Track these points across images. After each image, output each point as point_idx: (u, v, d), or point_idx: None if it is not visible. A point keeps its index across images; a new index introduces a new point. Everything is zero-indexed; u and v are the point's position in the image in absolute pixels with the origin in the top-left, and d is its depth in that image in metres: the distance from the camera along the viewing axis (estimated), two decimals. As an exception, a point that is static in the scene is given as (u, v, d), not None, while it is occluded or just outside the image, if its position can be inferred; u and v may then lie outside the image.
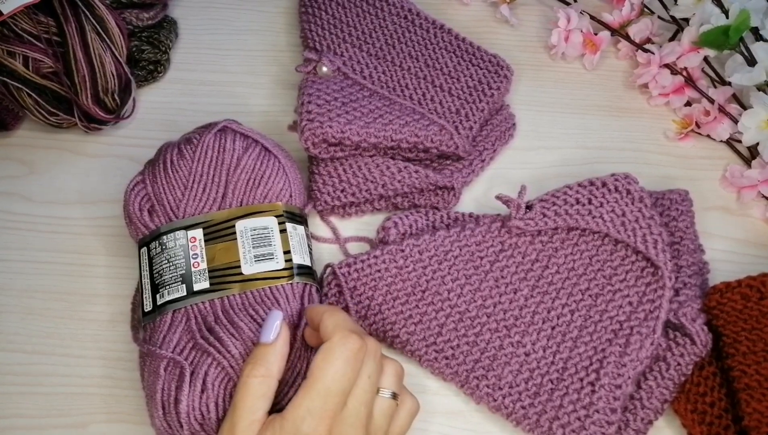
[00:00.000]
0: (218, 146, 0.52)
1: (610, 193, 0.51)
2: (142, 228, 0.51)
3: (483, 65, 0.60)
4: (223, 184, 0.51)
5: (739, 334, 0.47)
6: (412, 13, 0.63)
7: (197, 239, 0.49)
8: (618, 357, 0.48)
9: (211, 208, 0.51)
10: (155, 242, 0.50)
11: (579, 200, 0.51)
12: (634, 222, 0.50)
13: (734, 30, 0.56)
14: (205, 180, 0.51)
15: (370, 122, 0.54)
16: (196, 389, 0.44)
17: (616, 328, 0.49)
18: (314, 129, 0.53)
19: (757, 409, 0.44)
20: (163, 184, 0.51)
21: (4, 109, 0.59)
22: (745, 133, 0.57)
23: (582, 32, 0.63)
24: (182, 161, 0.52)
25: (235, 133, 0.53)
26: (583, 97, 0.64)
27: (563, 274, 0.51)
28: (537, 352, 0.49)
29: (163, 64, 0.64)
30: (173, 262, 0.49)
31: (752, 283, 0.49)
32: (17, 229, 0.56)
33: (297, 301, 0.48)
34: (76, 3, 0.56)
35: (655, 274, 0.50)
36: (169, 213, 0.51)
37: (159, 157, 0.53)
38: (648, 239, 0.50)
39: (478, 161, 0.58)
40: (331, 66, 0.58)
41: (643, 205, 0.50)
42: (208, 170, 0.52)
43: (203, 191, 0.51)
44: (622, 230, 0.50)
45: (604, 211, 0.51)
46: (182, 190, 0.51)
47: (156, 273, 0.49)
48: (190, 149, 0.52)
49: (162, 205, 0.51)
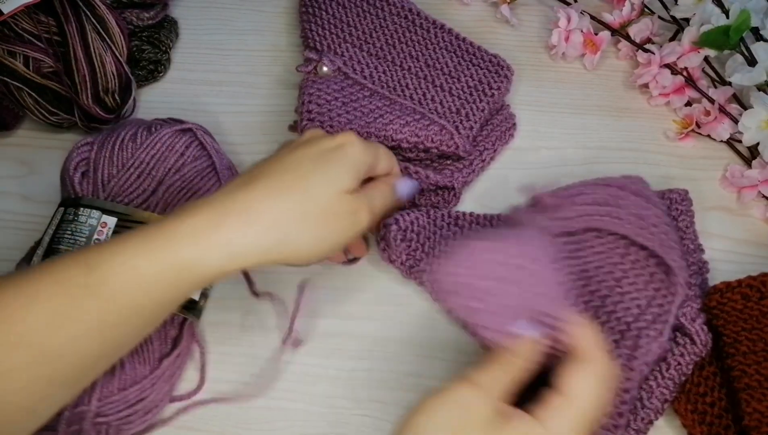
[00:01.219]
0: (169, 144, 0.53)
1: (629, 197, 0.51)
2: (69, 188, 0.51)
3: (483, 65, 0.60)
4: (157, 182, 0.52)
5: (739, 334, 0.47)
6: (413, 13, 0.63)
7: (107, 226, 0.49)
8: (626, 360, 0.47)
9: (136, 200, 0.51)
10: (72, 209, 0.50)
11: (597, 201, 0.51)
12: (652, 226, 0.50)
13: (734, 30, 0.56)
14: (141, 170, 0.52)
15: (370, 122, 0.54)
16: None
17: (623, 330, 0.49)
18: (315, 128, 0.53)
19: (757, 409, 0.44)
20: (105, 156, 0.52)
21: (4, 109, 0.59)
22: (746, 133, 0.57)
23: (582, 32, 0.63)
24: (131, 144, 0.52)
25: (195, 140, 0.54)
26: (583, 97, 0.64)
27: (574, 275, 0.51)
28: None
29: (164, 64, 0.64)
30: (75, 237, 0.49)
31: (752, 283, 0.49)
32: (17, 229, 0.56)
33: (176, 330, 0.49)
34: (76, 3, 0.56)
35: (665, 280, 0.49)
36: (98, 186, 0.51)
37: (115, 130, 0.53)
38: (665, 243, 0.49)
39: (478, 161, 0.58)
40: (331, 66, 0.58)
41: (659, 209, 0.50)
42: (149, 162, 0.52)
43: (136, 179, 0.51)
44: (641, 233, 0.50)
45: (622, 213, 0.50)
46: (118, 170, 0.52)
47: (57, 238, 0.49)
48: (144, 136, 0.53)
49: (95, 175, 0.51)
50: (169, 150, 0.53)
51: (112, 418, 0.46)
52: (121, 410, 0.46)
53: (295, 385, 0.51)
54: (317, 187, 0.44)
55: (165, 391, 0.48)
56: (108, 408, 0.46)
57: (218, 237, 0.40)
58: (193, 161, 0.53)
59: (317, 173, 0.44)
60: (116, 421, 0.46)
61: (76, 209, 0.50)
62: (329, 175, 0.44)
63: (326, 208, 0.43)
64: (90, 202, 0.50)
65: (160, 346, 0.48)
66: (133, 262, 0.39)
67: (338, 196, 0.44)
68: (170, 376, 0.49)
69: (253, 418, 0.50)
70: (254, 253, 0.41)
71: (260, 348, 0.52)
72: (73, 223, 0.49)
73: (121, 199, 0.51)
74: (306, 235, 0.43)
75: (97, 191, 0.51)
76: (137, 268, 0.39)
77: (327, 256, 0.46)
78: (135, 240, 0.40)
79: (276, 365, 0.51)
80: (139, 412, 0.47)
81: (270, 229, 0.42)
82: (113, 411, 0.46)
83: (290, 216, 0.42)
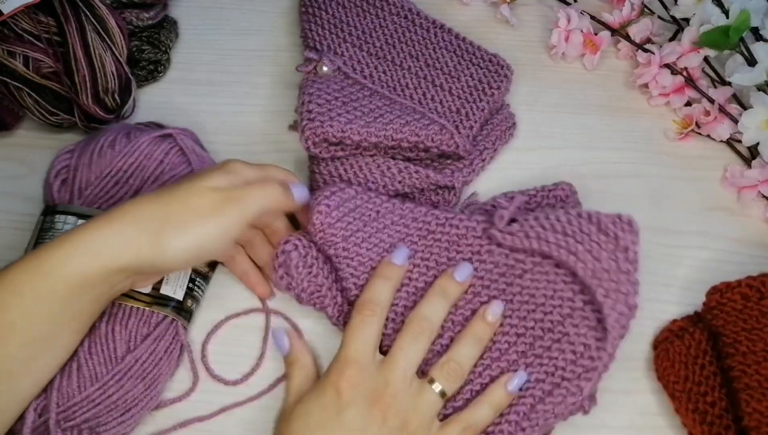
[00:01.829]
0: (148, 151, 0.52)
1: (597, 234, 0.47)
2: (48, 196, 0.52)
3: (483, 65, 0.60)
4: (135, 189, 0.52)
5: (739, 334, 0.47)
6: (413, 12, 0.63)
7: None
8: (535, 401, 0.46)
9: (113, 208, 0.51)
10: (50, 217, 0.50)
11: (565, 231, 0.48)
12: (606, 271, 0.46)
13: (734, 30, 0.56)
14: (118, 178, 0.52)
15: (370, 122, 0.54)
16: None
17: (550, 371, 0.47)
18: (315, 128, 0.53)
19: (757, 409, 0.45)
20: (84, 163, 0.52)
21: (4, 109, 0.59)
22: (745, 133, 0.57)
23: (582, 32, 0.63)
24: (110, 150, 0.52)
25: (176, 146, 0.53)
26: (583, 97, 0.64)
27: (524, 298, 0.49)
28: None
29: (164, 64, 0.64)
30: None
31: (752, 283, 0.49)
32: (17, 229, 0.56)
33: (149, 328, 0.49)
34: (76, 3, 0.56)
35: (603, 338, 0.46)
36: (75, 193, 0.51)
37: (96, 137, 0.53)
38: (611, 295, 0.46)
39: (478, 161, 0.58)
40: (331, 66, 0.58)
41: (625, 255, 0.46)
42: (126, 170, 0.52)
43: (113, 187, 0.51)
44: (589, 275, 0.47)
45: (580, 249, 0.47)
46: (96, 177, 0.51)
47: (38, 246, 0.49)
48: (123, 143, 0.52)
49: (74, 182, 0.51)
50: (147, 158, 0.52)
51: (79, 420, 0.45)
52: (87, 411, 0.45)
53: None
54: (182, 186, 0.45)
55: (140, 391, 0.47)
56: (72, 411, 0.45)
57: (77, 237, 0.42)
58: (173, 169, 0.53)
59: (186, 179, 0.46)
60: (85, 424, 0.45)
61: (52, 217, 0.50)
62: (196, 175, 0.46)
63: (190, 204, 0.44)
64: (65, 209, 0.50)
65: (121, 344, 0.47)
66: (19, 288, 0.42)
67: (202, 191, 0.44)
68: (142, 376, 0.47)
69: (254, 417, 0.50)
70: (117, 251, 0.42)
71: (259, 348, 0.52)
72: (50, 231, 0.50)
73: (98, 206, 0.51)
74: (168, 232, 0.43)
75: (72, 198, 0.51)
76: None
77: (200, 255, 0.47)
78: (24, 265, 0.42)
79: (275, 365, 0.51)
80: (113, 413, 0.46)
81: (129, 224, 0.43)
82: (79, 413, 0.45)
83: (152, 214, 0.43)
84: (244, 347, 0.52)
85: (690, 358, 0.49)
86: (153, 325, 0.49)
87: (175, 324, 0.50)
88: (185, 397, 0.50)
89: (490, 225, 0.51)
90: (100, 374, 0.46)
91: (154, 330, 0.49)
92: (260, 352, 0.52)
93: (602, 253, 0.47)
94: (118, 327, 0.48)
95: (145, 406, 0.48)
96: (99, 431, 0.46)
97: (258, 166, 0.49)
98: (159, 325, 0.49)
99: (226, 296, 0.54)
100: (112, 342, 0.47)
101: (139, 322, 0.49)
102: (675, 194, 0.59)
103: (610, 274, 0.46)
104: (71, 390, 0.46)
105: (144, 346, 0.48)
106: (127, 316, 0.48)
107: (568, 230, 0.48)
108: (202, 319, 0.53)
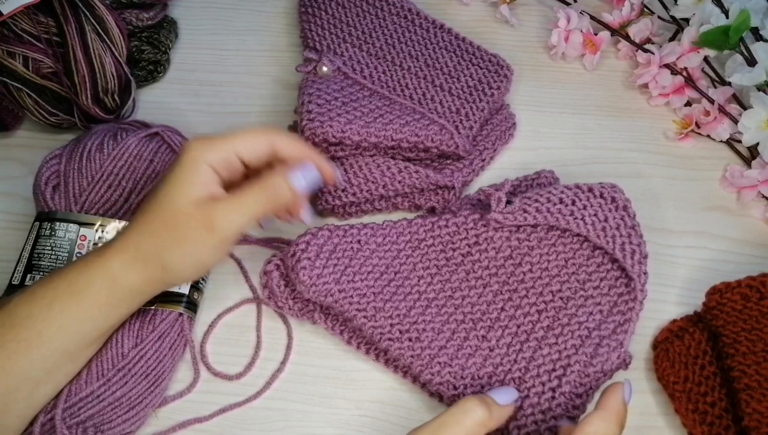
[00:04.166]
0: (136, 152, 0.52)
1: (595, 198, 0.50)
2: (42, 203, 0.51)
3: (483, 65, 0.60)
4: (128, 191, 0.52)
5: (739, 334, 0.47)
6: (412, 12, 0.63)
7: (87, 240, 0.50)
8: (582, 367, 0.47)
9: (110, 211, 0.51)
10: (48, 223, 0.50)
11: (562, 200, 0.50)
12: (615, 229, 0.49)
13: (734, 30, 0.56)
14: (111, 182, 0.51)
15: (370, 122, 0.54)
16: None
17: (584, 335, 0.48)
18: (315, 129, 0.53)
19: (757, 409, 0.45)
20: (74, 168, 0.52)
21: (4, 109, 0.59)
22: (745, 133, 0.57)
23: (582, 32, 0.63)
24: (99, 154, 0.52)
25: (164, 144, 0.53)
26: (583, 97, 0.64)
27: (536, 274, 0.51)
28: (501, 349, 0.49)
29: (163, 64, 0.64)
30: (56, 252, 0.49)
31: (752, 283, 0.49)
32: (17, 229, 0.56)
33: (155, 325, 0.49)
34: (76, 3, 0.56)
35: (629, 286, 0.49)
36: (71, 199, 0.51)
37: (82, 140, 0.53)
38: (626, 248, 0.49)
39: (478, 161, 0.58)
40: (331, 66, 0.58)
41: (626, 213, 0.50)
42: (117, 173, 0.52)
43: (107, 190, 0.51)
44: (602, 235, 0.49)
45: (586, 214, 0.50)
46: (89, 183, 0.52)
47: (36, 253, 0.49)
48: (111, 145, 0.52)
49: (67, 188, 0.51)
50: (137, 159, 0.52)
51: (84, 416, 0.45)
52: (92, 408, 0.46)
53: (295, 385, 0.51)
54: (161, 203, 0.44)
55: (144, 388, 0.47)
56: (77, 407, 0.45)
57: (102, 260, 0.44)
58: (164, 166, 0.53)
59: (162, 189, 0.44)
60: (90, 421, 0.46)
61: (51, 224, 0.50)
62: (168, 187, 0.44)
63: (174, 223, 0.43)
64: (65, 217, 0.50)
65: (128, 340, 0.48)
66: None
67: (184, 208, 0.43)
68: (146, 372, 0.48)
69: (253, 418, 0.50)
70: (133, 278, 0.44)
71: (260, 348, 0.52)
72: (51, 238, 0.50)
73: (95, 211, 0.51)
74: (173, 260, 0.44)
75: (69, 205, 0.51)
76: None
77: (207, 267, 0.48)
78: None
79: (275, 365, 0.52)
80: (117, 410, 0.46)
81: (136, 259, 0.44)
82: (84, 409, 0.45)
83: (150, 248, 0.44)
84: (241, 346, 0.52)
85: (690, 358, 0.49)
86: (159, 320, 0.49)
87: (181, 319, 0.50)
88: (186, 394, 0.50)
89: (486, 211, 0.52)
90: (106, 370, 0.47)
91: (159, 325, 0.49)
92: (255, 342, 0.52)
93: (607, 214, 0.49)
94: (126, 324, 0.48)
95: (149, 404, 0.48)
96: (104, 429, 0.46)
97: (217, 141, 0.45)
98: (164, 320, 0.49)
99: (217, 297, 0.54)
100: (120, 338, 0.48)
101: (146, 318, 0.49)
102: (675, 194, 0.59)
103: (620, 230, 0.49)
104: (77, 386, 0.46)
105: (149, 341, 0.48)
106: (134, 314, 0.48)
107: (566, 200, 0.50)
108: (199, 321, 0.53)
